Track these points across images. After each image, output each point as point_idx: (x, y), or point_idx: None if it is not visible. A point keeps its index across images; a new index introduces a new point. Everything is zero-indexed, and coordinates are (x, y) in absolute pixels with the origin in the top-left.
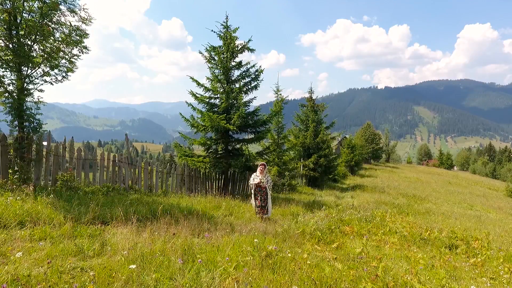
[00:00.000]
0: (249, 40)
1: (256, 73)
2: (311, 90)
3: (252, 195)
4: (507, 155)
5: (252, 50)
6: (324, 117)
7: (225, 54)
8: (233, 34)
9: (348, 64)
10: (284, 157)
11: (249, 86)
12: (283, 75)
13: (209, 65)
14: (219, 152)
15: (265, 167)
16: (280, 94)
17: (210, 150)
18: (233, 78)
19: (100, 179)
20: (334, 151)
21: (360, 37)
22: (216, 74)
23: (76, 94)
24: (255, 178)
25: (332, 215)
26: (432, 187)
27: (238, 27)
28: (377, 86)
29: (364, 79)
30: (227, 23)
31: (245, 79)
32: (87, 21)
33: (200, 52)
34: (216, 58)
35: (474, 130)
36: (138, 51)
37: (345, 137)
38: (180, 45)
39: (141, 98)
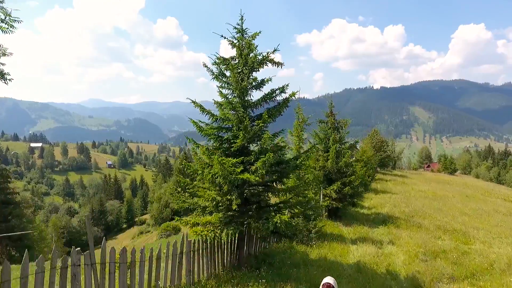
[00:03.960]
0: (275, 50)
1: (285, 100)
2: (332, 104)
3: None
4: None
5: (279, 64)
6: (346, 133)
7: (241, 68)
8: (252, 41)
9: (343, 64)
10: (307, 194)
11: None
12: (279, 75)
13: (217, 83)
14: (233, 209)
15: None
16: (306, 119)
17: (220, 206)
18: (251, 102)
19: None
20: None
21: (355, 37)
22: (228, 96)
23: (71, 93)
24: None
25: None
26: (455, 205)
27: (260, 32)
28: (372, 86)
29: (360, 79)
30: (242, 26)
31: (267, 103)
32: None
33: (205, 66)
34: (227, 74)
35: (469, 130)
36: (134, 51)
37: (355, 147)
38: (176, 45)
39: (137, 98)
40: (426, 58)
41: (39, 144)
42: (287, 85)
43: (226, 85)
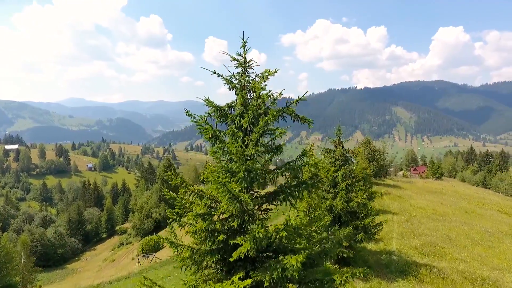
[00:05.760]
0: (298, 100)
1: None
2: (339, 130)
3: None
4: (497, 163)
5: (304, 120)
6: (356, 164)
7: (246, 124)
8: (263, 83)
9: (327, 65)
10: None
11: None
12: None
13: (208, 142)
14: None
15: None
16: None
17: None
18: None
19: None
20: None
21: (339, 38)
22: (225, 167)
23: (50, 92)
24: None
25: None
26: (460, 227)
27: (276, 70)
28: (356, 87)
29: (343, 79)
30: (245, 58)
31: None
32: None
33: (189, 115)
34: (225, 138)
35: (449, 130)
36: (116, 49)
37: (352, 161)
38: (160, 43)
39: (119, 97)
40: (408, 59)
41: (15, 146)
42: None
43: (220, 151)
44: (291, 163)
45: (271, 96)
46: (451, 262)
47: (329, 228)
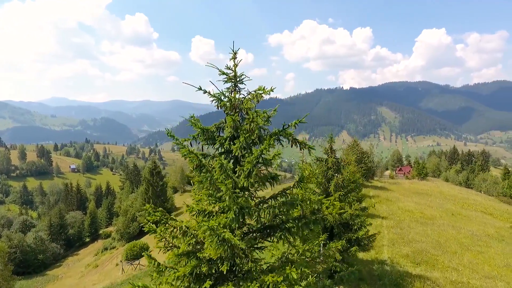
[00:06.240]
0: (297, 123)
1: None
2: (331, 138)
3: None
4: (480, 163)
5: (304, 146)
6: (348, 175)
7: (237, 152)
8: (255, 101)
9: (314, 65)
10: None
11: None
12: (251, 74)
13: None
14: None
15: None
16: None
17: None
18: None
19: None
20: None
21: (325, 38)
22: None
23: (31, 91)
24: None
25: None
26: (448, 232)
27: (273, 88)
28: (342, 87)
29: (330, 80)
30: (235, 71)
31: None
32: None
33: (172, 136)
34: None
35: (432, 130)
36: (100, 47)
37: (343, 168)
38: (145, 42)
39: (104, 96)
40: (392, 60)
41: None
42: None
43: (208, 181)
44: (288, 193)
45: (266, 114)
46: (444, 272)
47: (322, 242)
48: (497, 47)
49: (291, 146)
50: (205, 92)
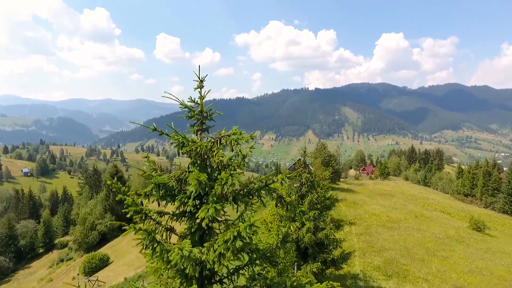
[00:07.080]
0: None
1: None
2: (305, 152)
3: None
4: (436, 163)
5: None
6: (325, 191)
7: (204, 222)
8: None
9: (280, 65)
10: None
11: None
12: (218, 74)
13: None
14: None
15: None
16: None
17: None
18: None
19: None
20: None
21: (291, 39)
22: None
23: None
24: None
25: None
26: (414, 236)
27: (252, 137)
28: (308, 87)
29: (295, 80)
30: (201, 92)
31: None
32: None
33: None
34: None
35: (391, 129)
36: (57, 42)
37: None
38: (107, 38)
39: (62, 94)
40: (355, 62)
41: None
42: None
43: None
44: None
45: (245, 164)
46: (415, 284)
47: (295, 263)
48: (449, 52)
49: (276, 206)
50: (161, 133)
